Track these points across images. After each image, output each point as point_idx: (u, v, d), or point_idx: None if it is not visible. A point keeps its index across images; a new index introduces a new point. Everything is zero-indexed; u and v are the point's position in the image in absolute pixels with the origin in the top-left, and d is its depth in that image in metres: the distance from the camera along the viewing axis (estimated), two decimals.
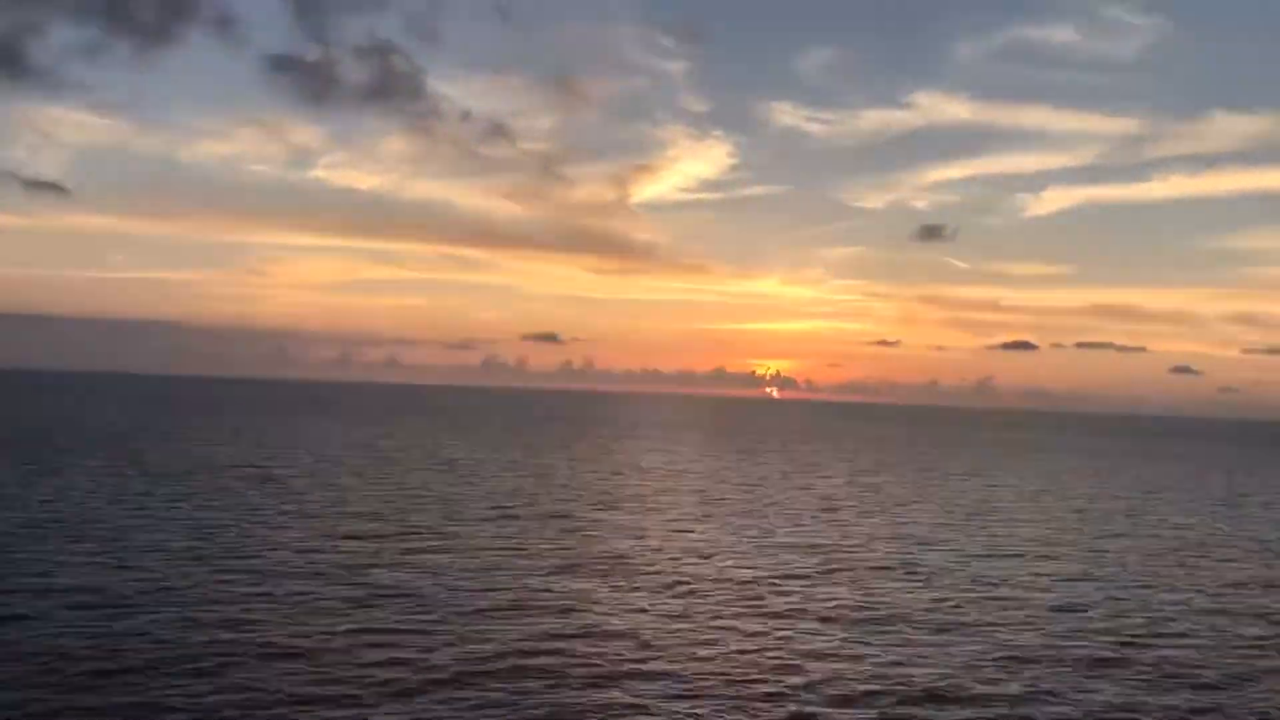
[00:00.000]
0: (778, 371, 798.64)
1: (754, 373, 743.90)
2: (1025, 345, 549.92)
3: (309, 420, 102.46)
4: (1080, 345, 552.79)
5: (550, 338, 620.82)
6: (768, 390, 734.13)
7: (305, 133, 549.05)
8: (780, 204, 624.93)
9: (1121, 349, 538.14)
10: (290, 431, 79.56)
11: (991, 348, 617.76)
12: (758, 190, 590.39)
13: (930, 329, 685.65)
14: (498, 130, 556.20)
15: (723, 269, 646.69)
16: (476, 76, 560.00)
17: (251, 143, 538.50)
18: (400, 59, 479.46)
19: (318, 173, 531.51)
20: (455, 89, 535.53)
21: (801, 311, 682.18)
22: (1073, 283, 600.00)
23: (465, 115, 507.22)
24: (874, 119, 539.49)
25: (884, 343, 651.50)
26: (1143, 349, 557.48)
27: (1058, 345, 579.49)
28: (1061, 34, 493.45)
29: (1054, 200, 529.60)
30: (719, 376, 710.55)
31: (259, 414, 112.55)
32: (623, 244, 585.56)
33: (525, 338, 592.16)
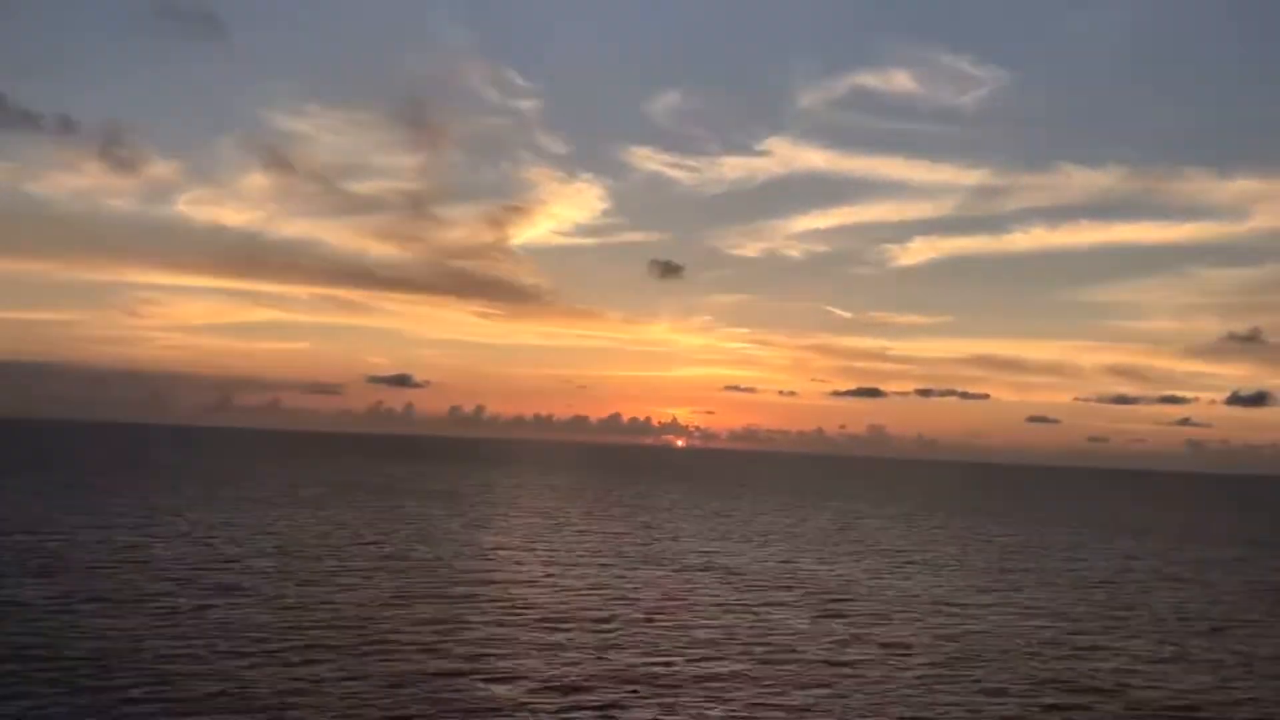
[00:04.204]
0: (674, 418, 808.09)
1: (649, 420, 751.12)
2: (874, 392, 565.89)
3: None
4: (918, 392, 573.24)
5: (428, 384, 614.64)
6: (674, 440, 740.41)
7: (162, 166, 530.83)
8: (660, 251, 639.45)
9: (964, 396, 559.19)
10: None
11: (839, 394, 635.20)
12: (636, 236, 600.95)
13: (820, 378, 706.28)
14: (356, 166, 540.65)
15: (613, 315, 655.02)
16: (321, 110, 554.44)
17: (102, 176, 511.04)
18: None
19: (180, 208, 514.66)
20: (301, 122, 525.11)
21: (692, 359, 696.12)
22: (949, 333, 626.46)
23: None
24: (735, 166, 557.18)
25: (780, 392, 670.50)
26: (986, 396, 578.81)
27: (900, 394, 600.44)
28: (900, 83, 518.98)
29: (921, 251, 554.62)
30: (614, 425, 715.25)
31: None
32: (508, 288, 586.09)
33: (410, 384, 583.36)
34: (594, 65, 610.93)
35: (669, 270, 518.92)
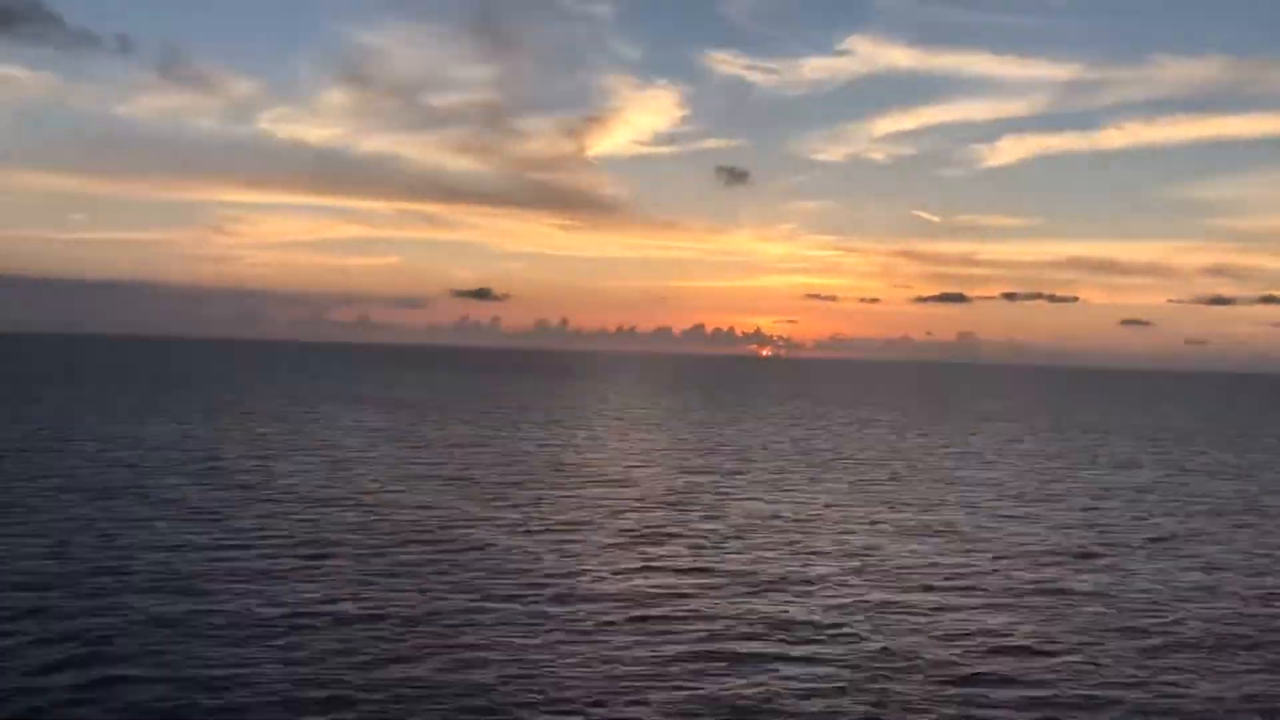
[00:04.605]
0: (758, 328, 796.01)
1: (733, 330, 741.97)
2: (958, 298, 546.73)
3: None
4: (1004, 296, 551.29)
5: (509, 297, 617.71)
6: (759, 349, 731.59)
7: (241, 85, 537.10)
8: (739, 157, 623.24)
9: (1052, 299, 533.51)
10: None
11: (922, 300, 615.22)
12: (715, 144, 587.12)
13: (903, 283, 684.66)
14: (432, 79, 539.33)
15: (694, 225, 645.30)
16: (397, 22, 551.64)
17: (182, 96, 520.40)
18: None
19: (263, 126, 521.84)
20: (377, 36, 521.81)
21: (774, 267, 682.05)
22: (1040, 235, 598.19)
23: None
24: (815, 67, 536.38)
25: (861, 299, 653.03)
26: (1075, 299, 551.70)
27: (986, 298, 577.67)
28: None
29: (1010, 150, 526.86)
30: (697, 335, 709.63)
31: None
32: (588, 199, 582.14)
33: (492, 297, 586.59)
34: None
35: (735, 177, 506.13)
